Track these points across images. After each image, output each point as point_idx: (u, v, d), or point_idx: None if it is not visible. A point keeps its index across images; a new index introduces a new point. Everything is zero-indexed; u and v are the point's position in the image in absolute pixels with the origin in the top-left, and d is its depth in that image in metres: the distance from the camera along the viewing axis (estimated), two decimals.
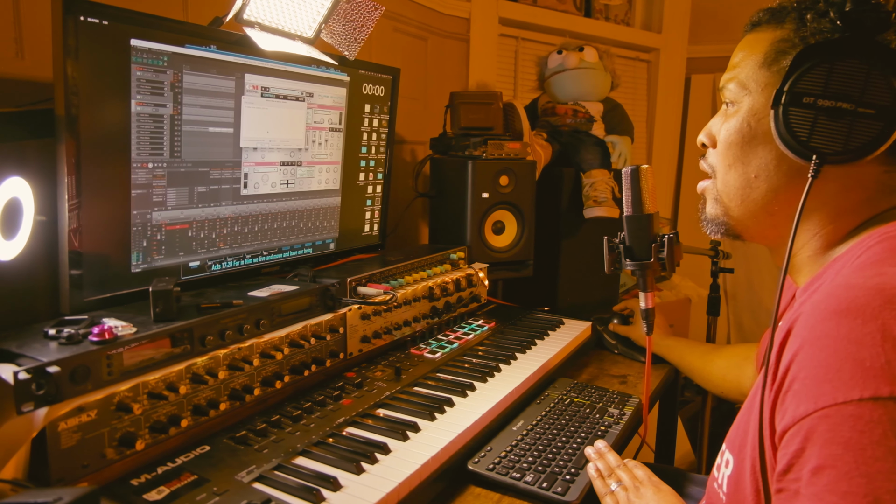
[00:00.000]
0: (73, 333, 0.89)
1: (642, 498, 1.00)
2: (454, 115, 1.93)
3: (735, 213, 0.90)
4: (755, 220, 0.88)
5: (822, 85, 0.76)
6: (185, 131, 1.15)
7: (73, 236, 1.01)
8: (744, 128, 0.85)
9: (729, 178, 0.88)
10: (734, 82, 0.87)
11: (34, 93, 1.17)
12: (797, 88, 0.77)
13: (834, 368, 0.64)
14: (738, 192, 0.88)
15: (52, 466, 0.82)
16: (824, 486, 0.61)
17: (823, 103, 0.76)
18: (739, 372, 1.34)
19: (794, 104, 0.77)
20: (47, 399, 0.80)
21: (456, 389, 1.23)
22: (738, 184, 0.87)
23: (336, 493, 0.89)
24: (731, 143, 0.87)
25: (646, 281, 1.06)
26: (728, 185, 0.89)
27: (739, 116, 0.86)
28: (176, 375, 0.97)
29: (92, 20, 0.97)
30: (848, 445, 0.60)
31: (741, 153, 0.86)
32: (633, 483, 1.02)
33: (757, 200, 0.86)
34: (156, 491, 0.86)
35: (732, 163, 0.87)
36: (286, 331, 1.17)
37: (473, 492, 1.04)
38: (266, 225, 1.37)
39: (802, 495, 0.65)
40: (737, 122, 0.86)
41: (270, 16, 1.27)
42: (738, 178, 0.87)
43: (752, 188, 0.86)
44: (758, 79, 0.84)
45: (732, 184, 0.88)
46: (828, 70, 0.76)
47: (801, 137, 0.77)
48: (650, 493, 1.00)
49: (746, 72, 0.86)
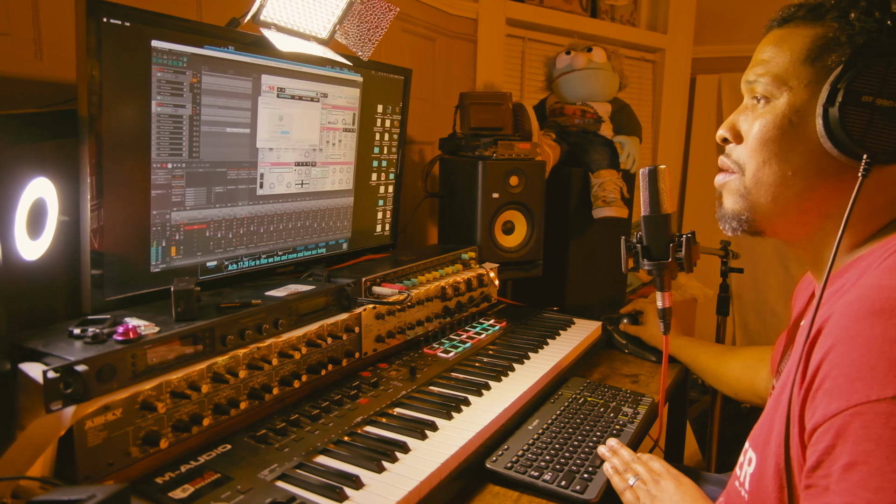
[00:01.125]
0: (97, 333, 0.89)
1: (664, 491, 1.00)
2: (464, 115, 1.93)
3: (764, 210, 0.88)
4: (784, 216, 0.87)
5: (880, 84, 0.75)
6: (203, 132, 1.15)
7: (95, 236, 1.02)
8: (784, 124, 0.83)
9: (762, 174, 0.86)
10: (768, 77, 0.85)
11: (53, 94, 1.18)
12: (855, 87, 0.76)
13: (867, 367, 0.64)
14: (772, 189, 0.86)
15: (79, 464, 0.83)
16: (856, 482, 0.62)
17: (882, 103, 0.75)
18: (754, 374, 1.35)
19: (851, 103, 0.76)
20: (75, 398, 0.81)
21: (471, 388, 1.24)
22: (773, 180, 0.85)
23: (359, 491, 0.90)
24: (767, 139, 0.85)
25: (663, 280, 1.07)
26: (760, 182, 0.87)
27: (778, 112, 0.84)
28: (197, 374, 0.98)
29: (114, 22, 0.98)
30: (880, 442, 0.61)
31: (779, 149, 0.84)
32: (651, 476, 1.03)
33: (790, 198, 0.85)
34: (180, 489, 0.87)
35: (768, 159, 0.85)
36: (303, 330, 1.17)
37: (492, 490, 1.05)
38: (281, 225, 1.38)
39: (832, 491, 0.66)
40: (775, 117, 0.84)
41: (286, 17, 1.28)
42: (774, 175, 0.85)
43: (788, 185, 0.85)
44: (799, 75, 0.82)
45: (766, 180, 0.86)
46: (885, 69, 0.75)
47: (856, 136, 0.76)
48: (672, 486, 1.00)
49: (783, 67, 0.84)
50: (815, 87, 0.81)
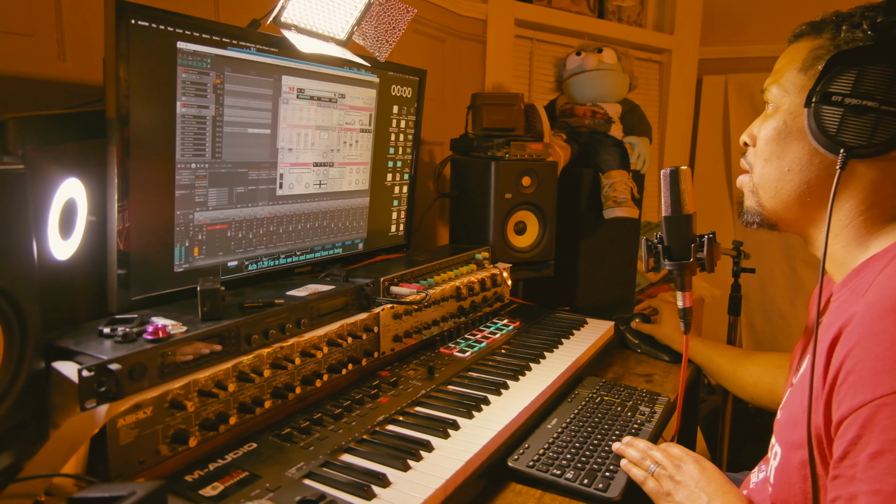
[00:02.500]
0: (127, 332, 0.90)
1: (686, 474, 1.00)
2: (476, 116, 1.94)
3: (768, 204, 0.98)
4: (788, 210, 0.96)
5: (850, 85, 0.84)
6: (225, 132, 1.16)
7: (121, 236, 1.02)
8: (780, 126, 0.94)
9: (765, 171, 0.97)
10: (776, 86, 0.96)
11: (76, 95, 1.19)
12: (828, 88, 0.86)
13: (892, 360, 0.69)
14: (773, 184, 0.96)
15: (112, 462, 0.84)
16: (883, 469, 0.65)
17: (850, 101, 0.84)
18: (772, 380, 1.36)
19: (824, 102, 0.86)
20: (108, 396, 0.82)
21: (490, 388, 1.25)
22: (773, 176, 0.95)
23: (385, 489, 0.90)
24: (768, 140, 0.95)
25: (683, 280, 1.08)
26: (763, 178, 0.97)
27: (778, 116, 0.95)
28: (224, 374, 0.99)
29: (142, 23, 0.98)
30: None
31: (777, 148, 0.94)
32: (671, 462, 1.03)
33: (790, 192, 0.94)
34: (210, 487, 0.88)
35: (769, 157, 0.96)
36: (324, 330, 1.18)
37: (514, 488, 1.06)
38: (300, 225, 1.39)
39: (860, 479, 0.68)
40: (775, 121, 0.95)
41: (306, 18, 1.29)
42: (773, 171, 0.95)
43: (786, 180, 0.94)
44: (795, 82, 0.93)
45: (767, 176, 0.96)
46: (856, 72, 0.84)
47: (830, 132, 0.86)
48: (695, 470, 1.00)
49: (787, 77, 0.94)
50: (806, 92, 0.90)
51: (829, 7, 0.95)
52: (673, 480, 1.01)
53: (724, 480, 1.00)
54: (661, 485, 1.01)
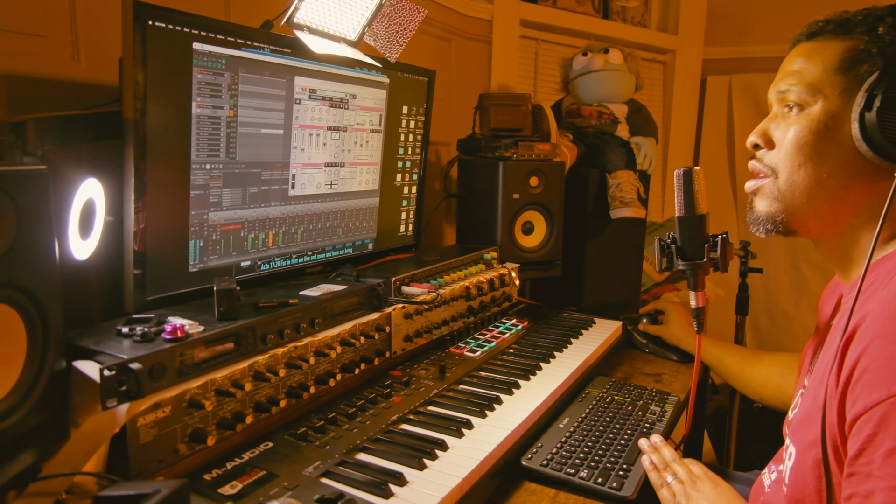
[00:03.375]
0: (146, 331, 0.91)
1: (700, 491, 1.02)
2: (483, 116, 1.95)
3: (799, 210, 0.93)
4: (818, 216, 0.92)
5: None
6: (240, 133, 1.17)
7: (138, 237, 1.03)
8: (820, 129, 0.88)
9: (797, 177, 0.91)
10: (801, 86, 0.90)
11: (89, 95, 1.19)
12: (891, 93, 0.82)
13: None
14: (806, 191, 0.91)
15: (132, 461, 0.84)
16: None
17: None
18: (782, 380, 1.37)
19: (888, 108, 0.82)
20: (129, 395, 0.82)
21: (502, 387, 1.25)
22: (808, 182, 0.90)
23: (403, 488, 0.91)
24: (803, 144, 0.90)
25: (696, 280, 1.08)
26: (794, 184, 0.91)
27: (813, 118, 0.89)
28: (240, 373, 0.99)
29: (159, 24, 0.99)
30: None
31: (814, 153, 0.89)
32: (689, 477, 1.05)
33: (825, 198, 0.90)
34: (229, 486, 0.88)
35: (803, 162, 0.90)
36: (337, 329, 1.19)
37: (529, 487, 1.06)
38: (311, 225, 1.39)
39: (875, 477, 0.69)
40: (810, 123, 0.89)
41: (318, 19, 1.29)
42: (808, 178, 0.90)
43: (823, 187, 0.89)
44: (833, 83, 0.88)
45: (800, 183, 0.91)
46: None
47: (893, 139, 0.82)
48: (709, 488, 1.02)
49: (816, 76, 0.89)
50: (849, 95, 0.86)
51: (833, 7, 0.94)
52: (685, 494, 1.03)
53: (736, 497, 1.01)
54: (674, 495, 1.03)
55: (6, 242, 0.70)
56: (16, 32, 1.08)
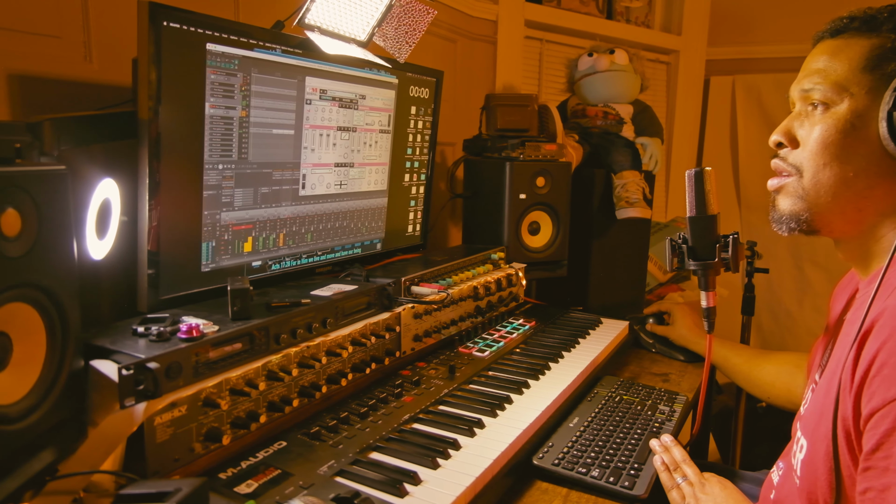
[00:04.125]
0: (161, 331, 0.91)
1: (708, 493, 1.03)
2: (490, 116, 1.95)
3: (823, 209, 0.92)
4: (843, 215, 0.92)
5: None
6: (252, 133, 1.17)
7: (152, 236, 1.03)
8: (846, 128, 0.88)
9: (822, 175, 0.90)
10: (826, 85, 0.89)
11: (101, 96, 1.19)
12: None
13: None
14: (832, 189, 0.90)
15: (149, 459, 0.85)
16: None
17: None
18: (790, 380, 1.37)
19: None
20: (146, 394, 0.83)
21: (512, 387, 1.26)
22: (833, 181, 0.90)
23: (417, 487, 0.91)
24: (829, 143, 0.89)
25: (708, 280, 1.09)
26: (820, 183, 0.91)
27: (840, 117, 0.88)
28: (254, 372, 1.00)
29: (174, 25, 0.99)
30: None
31: (840, 152, 0.88)
32: (698, 479, 1.05)
33: (850, 197, 0.90)
34: (245, 484, 0.89)
35: (829, 161, 0.89)
36: (349, 329, 1.19)
37: (540, 486, 1.07)
38: (321, 225, 1.40)
39: (892, 471, 0.70)
40: (836, 122, 0.88)
41: (329, 19, 1.29)
42: (834, 176, 0.89)
43: (849, 185, 0.89)
44: (860, 82, 0.87)
45: (825, 181, 0.90)
46: None
47: None
48: (717, 490, 1.03)
49: (842, 75, 0.88)
50: (876, 94, 0.85)
51: (837, 8, 0.94)
52: (694, 496, 1.04)
53: (743, 499, 1.02)
54: (684, 497, 1.04)
55: (27, 242, 0.70)
56: (30, 33, 1.09)
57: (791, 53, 3.03)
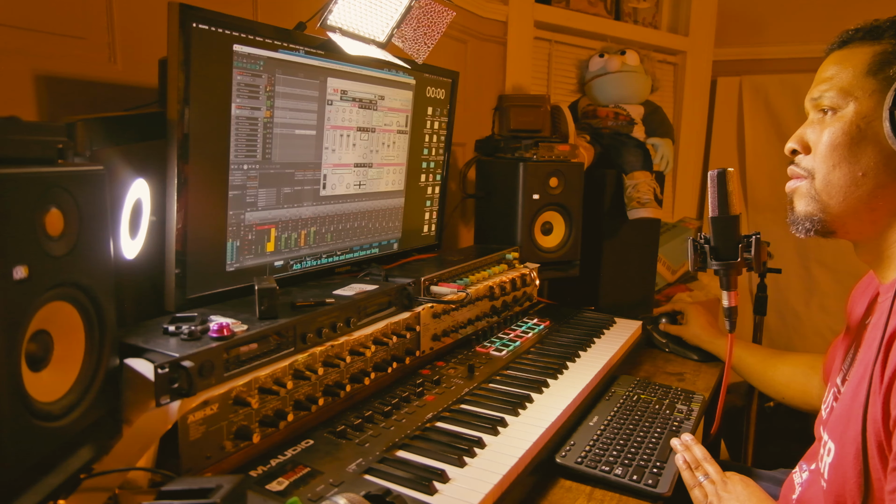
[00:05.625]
0: (193, 330, 0.92)
1: (731, 492, 1.04)
2: (503, 117, 1.96)
3: (836, 210, 0.95)
4: (855, 215, 0.95)
5: None
6: (275, 134, 1.18)
7: (179, 236, 1.04)
8: (852, 130, 0.92)
9: (833, 177, 0.94)
10: (833, 91, 0.94)
11: (125, 96, 1.20)
12: None
13: None
14: (842, 190, 0.94)
15: (183, 457, 0.85)
16: None
17: None
18: (805, 381, 1.38)
19: None
20: (180, 392, 0.83)
21: (532, 386, 1.27)
22: (843, 182, 0.93)
23: (446, 484, 0.92)
24: (837, 145, 0.93)
25: (730, 280, 1.10)
26: (831, 184, 0.94)
27: (846, 120, 0.92)
28: (281, 371, 1.01)
29: (202, 27, 1.00)
30: None
31: (848, 153, 0.92)
32: (720, 477, 1.06)
33: (861, 197, 0.93)
34: (276, 482, 0.89)
35: (838, 163, 0.93)
36: (371, 329, 1.20)
37: (564, 484, 1.07)
38: (341, 225, 1.40)
39: None
40: (843, 125, 0.93)
41: (350, 20, 1.30)
42: (844, 177, 0.93)
43: (859, 186, 0.92)
44: (864, 86, 0.91)
45: (836, 182, 0.94)
46: None
47: None
48: (739, 488, 1.03)
49: (848, 80, 0.93)
50: (880, 96, 0.89)
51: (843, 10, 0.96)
52: (717, 494, 1.04)
53: (766, 497, 1.03)
54: (706, 495, 1.05)
55: (69, 242, 0.71)
56: (57, 34, 1.10)
57: (798, 54, 3.06)
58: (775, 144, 3.03)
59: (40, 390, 0.69)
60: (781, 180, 1.03)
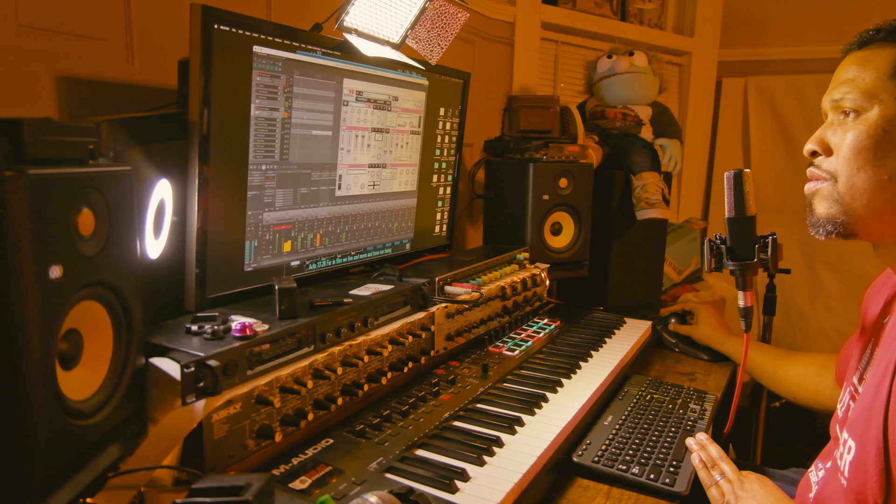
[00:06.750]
0: (215, 329, 0.92)
1: (748, 490, 1.04)
2: (513, 118, 1.97)
3: (859, 213, 0.95)
4: (879, 217, 0.94)
5: None
6: (293, 134, 1.18)
7: (199, 236, 1.05)
8: (878, 133, 0.91)
9: (857, 180, 0.93)
10: (856, 93, 0.93)
11: (143, 97, 1.21)
12: None
13: None
14: (867, 193, 0.93)
15: (207, 456, 0.86)
16: None
17: None
18: (817, 380, 1.39)
19: None
20: (205, 391, 0.84)
21: (546, 385, 1.27)
22: (868, 185, 0.93)
23: (467, 483, 0.93)
24: (862, 148, 0.92)
25: (745, 280, 1.11)
26: (855, 187, 0.94)
27: (870, 123, 0.92)
28: (302, 371, 1.01)
29: (224, 28, 1.01)
30: None
31: (873, 157, 0.92)
32: (736, 476, 1.07)
33: (886, 199, 0.92)
34: (299, 480, 0.90)
35: (863, 166, 0.92)
36: (388, 329, 1.20)
37: (581, 483, 1.08)
38: (355, 225, 1.41)
39: None
40: (868, 128, 0.92)
41: (365, 22, 1.31)
42: (869, 180, 0.92)
43: (884, 189, 0.92)
44: (888, 88, 0.91)
45: (861, 185, 0.93)
46: None
47: None
48: (756, 487, 1.04)
49: (871, 82, 0.92)
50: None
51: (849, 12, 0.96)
52: (734, 493, 1.05)
53: (783, 496, 1.03)
54: (723, 494, 1.05)
55: (100, 242, 0.72)
56: (76, 35, 1.10)
57: (803, 55, 3.07)
58: (780, 146, 3.04)
59: (72, 389, 0.69)
60: (786, 181, 1.03)
